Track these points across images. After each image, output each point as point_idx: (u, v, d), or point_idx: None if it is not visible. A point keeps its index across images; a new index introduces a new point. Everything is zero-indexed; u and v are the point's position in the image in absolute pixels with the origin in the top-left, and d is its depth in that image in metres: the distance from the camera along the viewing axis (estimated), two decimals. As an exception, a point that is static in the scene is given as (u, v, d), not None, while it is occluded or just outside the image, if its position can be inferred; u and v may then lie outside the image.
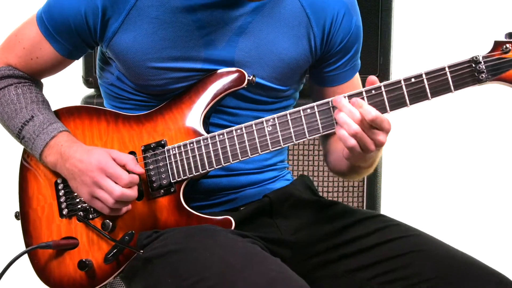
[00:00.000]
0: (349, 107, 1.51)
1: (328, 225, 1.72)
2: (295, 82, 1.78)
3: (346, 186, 2.38)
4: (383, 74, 2.35)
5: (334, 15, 1.71)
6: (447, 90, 1.48)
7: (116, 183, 1.60)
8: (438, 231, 2.93)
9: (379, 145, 1.54)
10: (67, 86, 2.43)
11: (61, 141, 1.69)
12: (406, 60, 2.70)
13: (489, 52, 1.46)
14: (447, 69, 1.48)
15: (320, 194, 1.93)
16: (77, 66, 1.97)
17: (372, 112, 1.50)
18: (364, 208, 2.39)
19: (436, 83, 1.48)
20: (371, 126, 1.51)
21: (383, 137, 1.53)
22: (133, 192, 1.62)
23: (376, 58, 2.36)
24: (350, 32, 1.74)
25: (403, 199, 3.14)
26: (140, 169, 1.63)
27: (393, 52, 2.39)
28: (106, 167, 1.61)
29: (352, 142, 1.52)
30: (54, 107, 1.80)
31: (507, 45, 1.44)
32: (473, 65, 1.47)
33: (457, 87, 1.48)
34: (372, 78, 1.54)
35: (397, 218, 1.76)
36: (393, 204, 2.79)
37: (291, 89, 1.78)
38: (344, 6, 1.72)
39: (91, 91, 2.46)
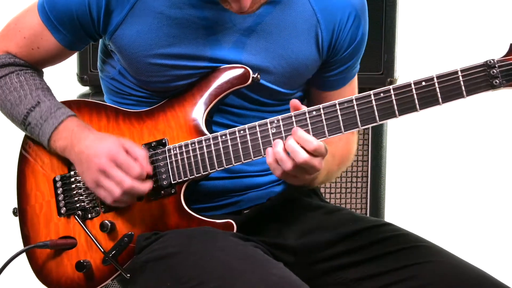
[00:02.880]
0: (289, 144, 1.49)
1: (333, 231, 1.68)
2: (302, 84, 1.73)
3: (349, 187, 2.34)
4: (388, 71, 2.29)
5: (343, 20, 1.65)
6: (459, 95, 1.42)
7: (126, 173, 1.55)
8: (443, 233, 2.91)
9: (314, 172, 1.53)
10: (61, 84, 2.38)
11: (71, 126, 1.65)
12: (411, 58, 2.66)
13: (504, 56, 1.40)
14: (459, 73, 1.42)
15: (323, 195, 1.88)
16: (71, 63, 1.94)
17: (313, 142, 1.48)
18: (368, 210, 2.35)
19: (448, 88, 1.42)
20: (313, 156, 1.49)
21: (319, 163, 1.51)
22: (145, 186, 1.57)
23: (380, 55, 2.30)
24: (356, 39, 1.68)
25: (407, 202, 3.10)
26: (149, 169, 1.58)
27: (398, 49, 2.33)
28: (117, 155, 1.55)
29: (279, 174, 1.52)
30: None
31: (523, 48, 1.38)
32: (487, 70, 1.40)
33: (469, 92, 1.42)
34: (295, 102, 1.53)
35: (401, 221, 1.72)
36: (398, 207, 2.75)
37: (298, 92, 1.74)
38: (354, 11, 1.66)
39: (86, 89, 2.42)
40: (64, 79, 2.36)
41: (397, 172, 2.83)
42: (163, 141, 1.63)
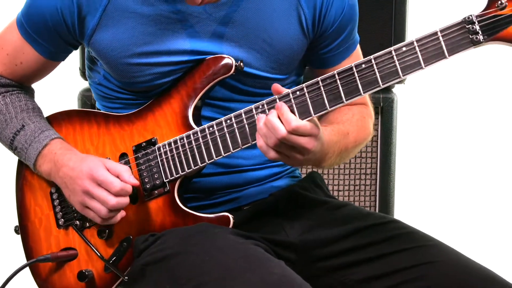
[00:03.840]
0: (269, 118, 1.45)
1: (338, 228, 1.63)
2: (295, 68, 1.69)
3: (358, 185, 2.29)
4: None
5: None
6: (440, 56, 1.37)
7: (107, 190, 1.55)
8: (454, 231, 2.83)
9: (305, 152, 1.47)
10: (63, 79, 2.35)
11: (54, 149, 1.65)
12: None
13: (483, 10, 1.35)
14: (439, 33, 1.38)
15: (330, 192, 1.84)
16: (73, 58, 1.92)
17: (292, 122, 1.44)
18: (377, 208, 2.29)
19: (429, 50, 1.38)
20: (293, 134, 1.45)
21: (307, 142, 1.46)
22: (126, 200, 1.57)
23: (389, 46, 2.22)
24: (342, 12, 1.64)
25: (417, 199, 3.02)
26: (134, 180, 1.57)
27: (408, 39, 2.27)
28: (96, 175, 1.56)
29: (272, 154, 1.47)
30: (51, 102, 1.75)
31: (503, 0, 1.32)
32: (466, 26, 1.36)
33: (451, 52, 1.37)
34: (276, 86, 1.49)
35: (411, 219, 1.68)
36: (407, 205, 2.68)
37: (292, 76, 1.70)
38: None
39: (88, 83, 2.38)
40: (66, 74, 2.33)
41: (407, 169, 2.76)
42: (153, 140, 1.62)
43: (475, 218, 3.09)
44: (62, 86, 1.73)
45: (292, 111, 1.47)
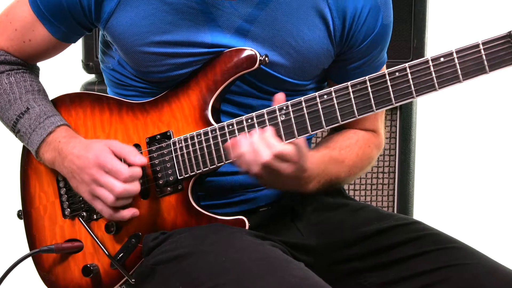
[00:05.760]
0: (253, 147, 1.43)
1: (356, 230, 1.59)
2: (318, 75, 1.63)
3: (375, 184, 2.23)
4: (417, 58, 2.13)
5: (357, 9, 1.54)
6: (481, 70, 1.31)
7: (116, 178, 1.49)
8: (476, 232, 2.79)
9: (282, 176, 1.45)
10: (65, 72, 2.30)
11: (58, 137, 1.59)
12: (442, 43, 2.54)
13: (530, 25, 1.29)
14: (481, 45, 1.31)
15: (347, 192, 1.80)
16: (76, 50, 1.86)
17: (277, 146, 1.42)
18: (395, 208, 2.24)
19: (469, 63, 1.31)
20: (276, 159, 1.43)
21: (287, 167, 1.44)
22: (135, 187, 1.50)
23: (409, 40, 2.19)
24: (374, 31, 1.57)
25: (438, 199, 2.97)
26: (141, 160, 1.51)
27: (428, 34, 2.22)
28: (104, 162, 1.50)
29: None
30: (51, 95, 1.69)
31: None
32: (511, 41, 1.29)
33: (492, 67, 1.30)
34: (279, 96, 1.46)
35: (431, 220, 1.64)
36: (427, 205, 2.64)
37: (314, 82, 1.64)
38: (370, 0, 1.55)
39: (91, 77, 2.31)
40: (68, 67, 2.28)
41: (427, 167, 2.71)
42: (168, 134, 1.56)
43: (500, 219, 3.03)
44: (64, 79, 1.67)
45: (318, 116, 1.42)
